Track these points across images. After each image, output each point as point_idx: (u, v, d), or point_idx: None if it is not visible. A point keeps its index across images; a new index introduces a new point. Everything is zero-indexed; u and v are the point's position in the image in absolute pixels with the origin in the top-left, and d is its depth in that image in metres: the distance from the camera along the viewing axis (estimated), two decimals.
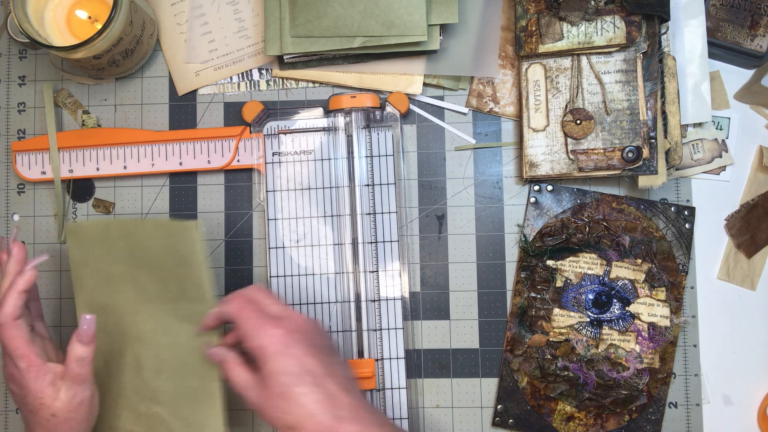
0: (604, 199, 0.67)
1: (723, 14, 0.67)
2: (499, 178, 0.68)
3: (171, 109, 0.70)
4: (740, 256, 0.68)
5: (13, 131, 0.71)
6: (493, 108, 0.68)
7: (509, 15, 0.68)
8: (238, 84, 0.70)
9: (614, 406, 0.65)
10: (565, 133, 0.65)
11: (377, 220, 0.66)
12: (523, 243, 0.67)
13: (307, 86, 0.70)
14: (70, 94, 0.70)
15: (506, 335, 0.67)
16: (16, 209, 0.70)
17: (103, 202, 0.70)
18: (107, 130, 0.68)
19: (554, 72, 0.65)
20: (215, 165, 0.68)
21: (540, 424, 0.66)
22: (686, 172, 0.68)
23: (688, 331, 0.67)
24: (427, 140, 0.69)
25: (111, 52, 0.63)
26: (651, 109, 0.64)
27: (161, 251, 0.58)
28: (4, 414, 0.69)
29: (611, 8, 0.63)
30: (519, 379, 0.66)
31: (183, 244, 0.58)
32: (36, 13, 0.63)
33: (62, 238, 0.69)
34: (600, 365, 0.66)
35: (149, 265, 0.59)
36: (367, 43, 0.64)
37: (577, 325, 0.66)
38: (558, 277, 0.66)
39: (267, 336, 0.52)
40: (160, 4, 0.70)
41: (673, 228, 0.66)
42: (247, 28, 0.69)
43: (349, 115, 0.67)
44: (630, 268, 0.66)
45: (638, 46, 0.64)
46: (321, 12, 0.63)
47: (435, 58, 0.67)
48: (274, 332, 0.53)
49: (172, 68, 0.70)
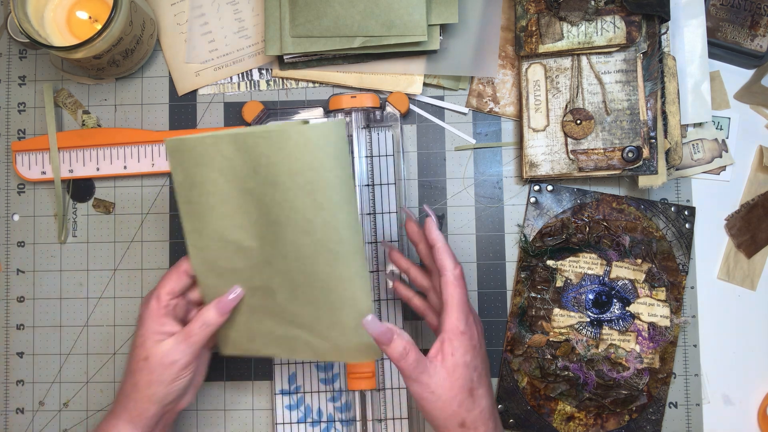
0: (604, 199, 0.67)
1: (723, 14, 0.67)
2: (499, 178, 0.68)
3: (171, 109, 0.70)
4: (740, 256, 0.68)
5: (13, 131, 0.71)
6: (493, 108, 0.68)
7: (509, 15, 0.68)
8: (238, 84, 0.70)
9: (614, 406, 0.65)
10: (565, 133, 0.65)
11: (377, 220, 0.66)
12: (523, 243, 0.67)
13: (307, 86, 0.70)
14: (70, 94, 0.70)
15: (506, 335, 0.67)
16: (16, 209, 0.70)
17: (103, 202, 0.70)
18: (107, 130, 0.68)
19: (554, 72, 0.65)
20: None
21: (540, 424, 0.66)
22: (686, 172, 0.68)
23: (688, 331, 0.67)
24: (427, 140, 0.69)
25: (111, 52, 0.63)
26: (651, 109, 0.64)
27: (291, 164, 0.49)
28: (4, 414, 0.69)
29: (611, 8, 0.63)
30: (519, 379, 0.66)
31: (318, 152, 0.48)
32: (36, 13, 0.63)
33: (62, 238, 0.69)
34: (600, 365, 0.66)
35: (276, 182, 0.50)
36: (367, 43, 0.64)
37: (577, 325, 0.66)
38: (558, 277, 0.66)
39: (469, 327, 0.52)
40: (160, 4, 0.70)
41: (673, 228, 0.66)
42: (247, 28, 0.69)
43: (349, 115, 0.67)
44: (630, 268, 0.66)
45: (638, 46, 0.64)
46: (321, 12, 0.63)
47: (435, 58, 0.67)
48: (471, 322, 0.53)
49: (172, 68, 0.70)
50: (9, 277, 0.70)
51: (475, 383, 0.52)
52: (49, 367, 0.69)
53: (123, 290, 0.69)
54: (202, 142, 0.51)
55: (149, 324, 0.54)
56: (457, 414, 0.51)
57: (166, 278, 0.56)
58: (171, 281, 0.55)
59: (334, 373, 0.67)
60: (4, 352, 0.70)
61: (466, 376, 0.52)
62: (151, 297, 0.55)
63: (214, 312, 0.54)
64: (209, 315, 0.54)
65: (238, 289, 0.55)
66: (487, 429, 0.52)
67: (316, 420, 0.67)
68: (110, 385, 0.69)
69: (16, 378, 0.69)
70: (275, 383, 0.67)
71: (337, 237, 0.50)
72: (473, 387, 0.52)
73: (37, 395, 0.69)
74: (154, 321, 0.54)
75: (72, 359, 0.69)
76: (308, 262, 0.51)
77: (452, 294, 0.52)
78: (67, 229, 0.70)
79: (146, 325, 0.54)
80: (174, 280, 0.56)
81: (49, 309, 0.70)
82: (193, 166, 0.53)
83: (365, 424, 0.66)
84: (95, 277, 0.69)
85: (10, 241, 0.70)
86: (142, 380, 0.54)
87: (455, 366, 0.51)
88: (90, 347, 0.69)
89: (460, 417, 0.52)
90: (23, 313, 0.70)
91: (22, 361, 0.69)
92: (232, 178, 0.52)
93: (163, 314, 0.54)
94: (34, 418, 0.69)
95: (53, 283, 0.70)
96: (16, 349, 0.69)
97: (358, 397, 0.66)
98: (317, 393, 0.67)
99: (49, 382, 0.69)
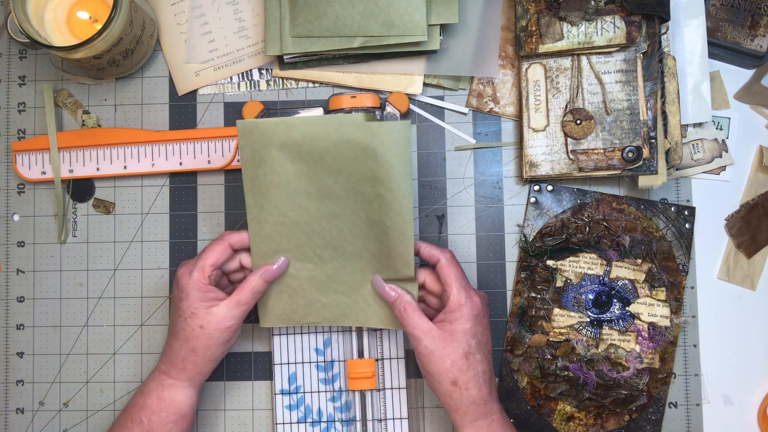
0: (604, 199, 0.67)
1: (723, 14, 0.67)
2: (499, 178, 0.68)
3: (171, 109, 0.70)
4: (740, 256, 0.68)
5: (13, 131, 0.71)
6: (493, 108, 0.68)
7: (509, 15, 0.68)
8: (238, 84, 0.70)
9: (614, 406, 0.65)
10: (565, 133, 0.65)
11: None
12: (523, 243, 0.67)
13: (307, 86, 0.70)
14: (70, 94, 0.70)
15: (506, 335, 0.67)
16: (16, 209, 0.70)
17: (103, 202, 0.70)
18: (107, 130, 0.68)
19: (554, 72, 0.65)
20: (215, 165, 0.68)
21: (540, 424, 0.66)
22: (686, 172, 0.68)
23: (688, 331, 0.67)
24: (427, 140, 0.69)
25: (111, 52, 0.63)
26: (651, 109, 0.64)
27: (357, 156, 0.56)
28: (4, 414, 0.69)
29: (611, 8, 0.63)
30: (519, 379, 0.66)
31: (384, 147, 0.55)
32: (36, 13, 0.63)
33: (62, 238, 0.69)
34: (600, 365, 0.66)
35: (341, 168, 0.57)
36: (367, 43, 0.64)
37: (577, 325, 0.66)
38: (558, 277, 0.66)
39: (470, 299, 0.57)
40: (160, 4, 0.70)
41: (673, 228, 0.66)
42: (247, 28, 0.69)
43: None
44: (630, 268, 0.66)
45: (638, 46, 0.64)
46: (321, 12, 0.63)
47: (435, 58, 0.67)
48: (476, 299, 0.58)
49: (172, 68, 0.70)
50: (9, 277, 0.70)
51: (472, 348, 0.57)
52: (49, 367, 0.69)
53: (123, 290, 0.69)
54: (275, 127, 0.56)
55: (196, 294, 0.58)
56: (449, 371, 0.56)
57: (210, 251, 0.59)
58: (216, 253, 0.59)
59: (334, 373, 0.67)
60: (4, 352, 0.70)
61: (462, 340, 0.56)
62: (194, 269, 0.59)
63: (260, 280, 0.60)
64: (257, 283, 0.60)
65: (282, 259, 0.60)
66: (480, 392, 0.57)
67: (316, 420, 0.67)
68: (110, 385, 0.69)
69: (16, 378, 0.69)
70: (275, 383, 0.67)
71: (391, 217, 0.57)
72: (469, 351, 0.56)
73: (37, 395, 0.69)
74: (200, 291, 0.58)
75: (72, 359, 0.69)
76: (362, 236, 0.59)
77: (448, 273, 0.58)
78: (67, 229, 0.70)
79: (192, 294, 0.58)
80: (219, 252, 0.59)
81: (49, 309, 0.69)
82: (262, 147, 0.57)
83: (365, 424, 0.66)
84: (95, 277, 0.69)
85: (10, 241, 0.70)
86: (200, 345, 0.59)
87: (453, 331, 0.57)
88: (90, 347, 0.69)
89: (452, 375, 0.56)
90: (23, 313, 0.70)
91: (22, 361, 0.69)
92: (298, 160, 0.57)
93: (207, 284, 0.59)
94: (34, 418, 0.69)
95: (53, 283, 0.70)
96: (16, 349, 0.69)
97: (358, 397, 0.66)
98: (317, 393, 0.67)
99: (49, 382, 0.69)
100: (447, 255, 0.59)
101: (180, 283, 0.59)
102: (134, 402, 0.61)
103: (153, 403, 0.60)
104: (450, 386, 0.57)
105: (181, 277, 0.59)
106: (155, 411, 0.60)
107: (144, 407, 0.60)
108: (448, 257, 0.59)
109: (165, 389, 0.60)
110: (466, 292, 0.58)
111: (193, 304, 0.58)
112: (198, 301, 0.58)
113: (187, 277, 0.59)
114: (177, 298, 0.60)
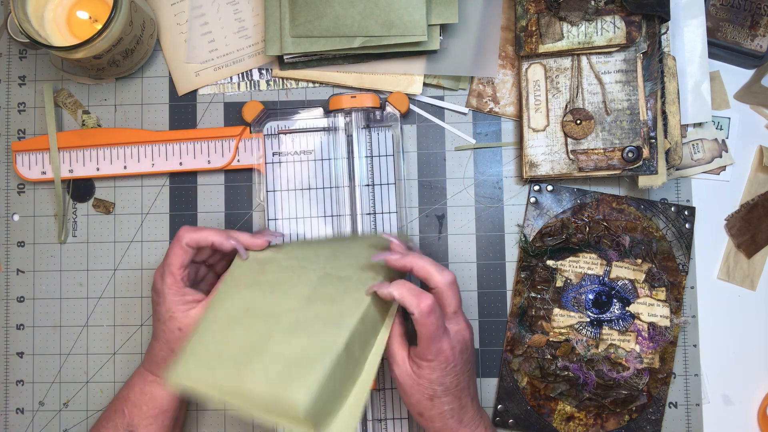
0: (604, 199, 0.67)
1: (723, 14, 0.67)
2: (499, 178, 0.68)
3: (171, 109, 0.70)
4: (740, 256, 0.68)
5: (13, 131, 0.71)
6: (493, 108, 0.68)
7: (509, 15, 0.68)
8: (238, 84, 0.70)
9: (614, 406, 0.65)
10: (565, 133, 0.65)
11: (377, 220, 0.66)
12: (523, 243, 0.67)
13: (307, 86, 0.70)
14: (70, 94, 0.70)
15: (506, 335, 0.67)
16: (16, 209, 0.70)
17: (103, 202, 0.70)
18: (107, 130, 0.68)
19: (554, 72, 0.65)
20: (215, 165, 0.68)
21: (540, 424, 0.66)
22: (686, 172, 0.68)
23: (688, 331, 0.67)
24: (427, 140, 0.69)
25: (111, 52, 0.63)
26: (651, 109, 0.64)
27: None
28: (4, 414, 0.69)
29: (611, 8, 0.63)
30: (519, 379, 0.66)
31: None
32: (36, 13, 0.63)
33: (62, 238, 0.69)
34: (600, 365, 0.66)
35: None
36: (367, 43, 0.64)
37: (577, 325, 0.66)
38: (558, 277, 0.66)
39: (439, 350, 0.54)
40: (160, 4, 0.70)
41: (673, 228, 0.66)
42: (247, 28, 0.69)
43: (349, 115, 0.67)
44: (630, 268, 0.66)
45: (638, 46, 0.64)
46: (321, 12, 0.63)
47: (435, 58, 0.67)
48: (445, 347, 0.55)
49: (172, 68, 0.70)
50: (9, 277, 0.70)
51: (438, 393, 0.55)
52: (49, 367, 0.69)
53: (123, 290, 0.69)
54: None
55: (171, 297, 0.58)
56: (415, 405, 0.56)
57: (172, 254, 0.58)
58: (178, 256, 0.58)
59: None
60: (4, 352, 0.70)
61: (428, 386, 0.55)
62: (165, 273, 0.58)
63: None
64: None
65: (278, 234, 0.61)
66: (445, 425, 0.56)
67: None
68: (110, 385, 0.69)
69: (16, 378, 0.69)
70: None
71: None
72: (435, 395, 0.56)
73: (37, 395, 0.69)
74: (176, 294, 0.58)
75: (72, 359, 0.69)
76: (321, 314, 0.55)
77: (421, 328, 0.54)
78: (67, 229, 0.70)
79: (168, 299, 0.58)
80: (180, 254, 0.58)
81: (49, 309, 0.69)
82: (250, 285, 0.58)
83: (365, 424, 0.66)
84: (95, 277, 0.69)
85: (10, 241, 0.70)
86: (180, 347, 0.58)
87: (420, 375, 0.55)
88: (90, 347, 0.69)
89: (419, 409, 0.56)
90: (23, 313, 0.70)
91: (22, 361, 0.69)
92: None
93: (181, 286, 0.58)
94: (34, 418, 0.69)
95: (53, 283, 0.70)
96: (16, 349, 0.69)
97: None
98: None
99: (49, 382, 0.69)
100: (423, 307, 0.53)
101: (156, 287, 0.59)
102: (119, 394, 0.62)
103: (135, 396, 0.61)
104: (417, 415, 0.57)
105: (156, 282, 0.59)
106: (137, 404, 0.60)
107: (127, 400, 0.61)
108: (423, 310, 0.53)
109: (147, 384, 0.61)
110: (437, 346, 0.54)
111: (170, 308, 0.58)
112: (175, 305, 0.58)
113: (161, 281, 0.58)
114: (155, 302, 0.60)
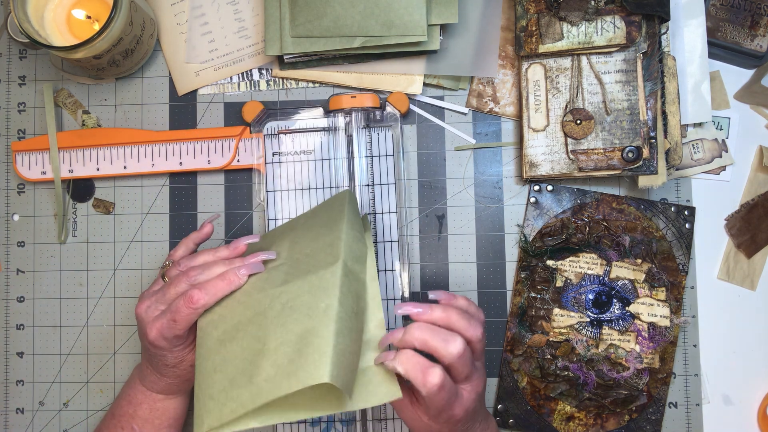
0: (604, 199, 0.67)
1: (723, 14, 0.67)
2: (499, 178, 0.68)
3: (171, 109, 0.70)
4: (740, 256, 0.68)
5: (13, 131, 0.71)
6: (493, 108, 0.68)
7: (509, 15, 0.68)
8: (238, 84, 0.70)
9: (614, 406, 0.65)
10: (565, 133, 0.65)
11: (377, 220, 0.66)
12: (523, 243, 0.67)
13: (307, 86, 0.70)
14: (70, 94, 0.70)
15: (506, 335, 0.67)
16: (16, 209, 0.70)
17: (103, 202, 0.70)
18: (107, 130, 0.68)
19: (554, 72, 0.65)
20: (215, 165, 0.68)
21: (540, 424, 0.66)
22: (686, 172, 0.68)
23: (688, 331, 0.67)
24: (427, 140, 0.69)
25: (111, 52, 0.63)
26: (651, 109, 0.64)
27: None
28: (4, 414, 0.69)
29: (611, 8, 0.63)
30: (519, 379, 0.66)
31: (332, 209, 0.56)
32: (36, 13, 0.63)
33: (62, 238, 0.69)
34: (600, 365, 0.66)
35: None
36: (367, 43, 0.64)
37: (577, 325, 0.66)
38: (558, 277, 0.66)
39: (450, 416, 0.51)
40: (160, 4, 0.70)
41: (673, 228, 0.66)
42: (247, 28, 0.69)
43: (349, 115, 0.67)
44: (630, 268, 0.66)
45: (638, 46, 0.64)
46: (321, 12, 0.63)
47: (435, 58, 0.67)
48: (457, 413, 0.51)
49: (172, 68, 0.70)
50: (9, 277, 0.70)
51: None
52: (49, 367, 0.69)
53: (123, 290, 0.69)
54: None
55: (179, 350, 0.56)
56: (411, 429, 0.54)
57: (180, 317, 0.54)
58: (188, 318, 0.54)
59: None
60: (4, 352, 0.70)
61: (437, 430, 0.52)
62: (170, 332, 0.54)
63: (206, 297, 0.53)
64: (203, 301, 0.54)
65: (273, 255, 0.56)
66: None
67: (316, 420, 0.66)
68: (110, 385, 0.69)
69: (16, 378, 0.69)
70: None
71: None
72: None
73: (37, 395, 0.69)
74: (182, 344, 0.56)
75: (72, 359, 0.69)
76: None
77: (428, 404, 0.50)
78: (67, 229, 0.70)
79: (176, 350, 0.56)
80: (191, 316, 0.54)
81: (49, 309, 0.69)
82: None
83: (365, 424, 0.66)
84: (95, 277, 0.69)
85: (10, 241, 0.70)
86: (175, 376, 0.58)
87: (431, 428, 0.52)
88: (90, 347, 0.69)
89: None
90: (23, 313, 0.70)
91: (22, 361, 0.69)
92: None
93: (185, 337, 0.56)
94: (34, 418, 0.69)
95: (53, 283, 0.70)
96: (16, 349, 0.69)
97: None
98: None
99: (49, 382, 0.69)
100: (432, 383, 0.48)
101: (157, 344, 0.55)
102: (122, 411, 0.60)
103: (145, 413, 0.60)
104: None
105: (155, 340, 0.55)
106: (148, 419, 0.60)
107: (134, 417, 0.60)
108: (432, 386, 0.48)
109: (157, 401, 0.60)
110: (448, 413, 0.51)
111: (178, 355, 0.56)
112: (185, 352, 0.56)
113: (162, 340, 0.55)
114: (156, 355, 0.56)
